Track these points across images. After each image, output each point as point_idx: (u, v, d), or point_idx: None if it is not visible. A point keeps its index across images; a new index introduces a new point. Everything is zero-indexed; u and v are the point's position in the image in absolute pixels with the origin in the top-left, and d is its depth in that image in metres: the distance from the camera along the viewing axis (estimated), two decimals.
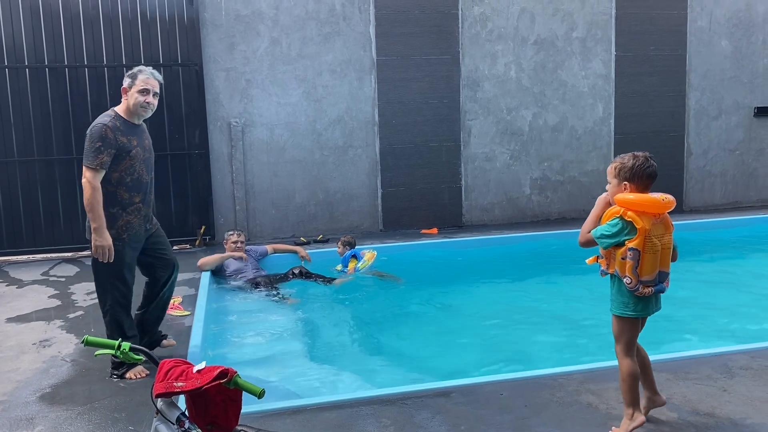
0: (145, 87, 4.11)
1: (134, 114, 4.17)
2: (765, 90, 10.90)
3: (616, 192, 3.42)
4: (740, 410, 3.64)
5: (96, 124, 4.04)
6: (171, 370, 2.19)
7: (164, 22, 8.57)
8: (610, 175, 3.48)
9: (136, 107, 4.13)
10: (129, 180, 4.09)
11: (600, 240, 3.30)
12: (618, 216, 3.28)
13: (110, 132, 4.01)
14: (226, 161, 9.02)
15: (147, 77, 4.12)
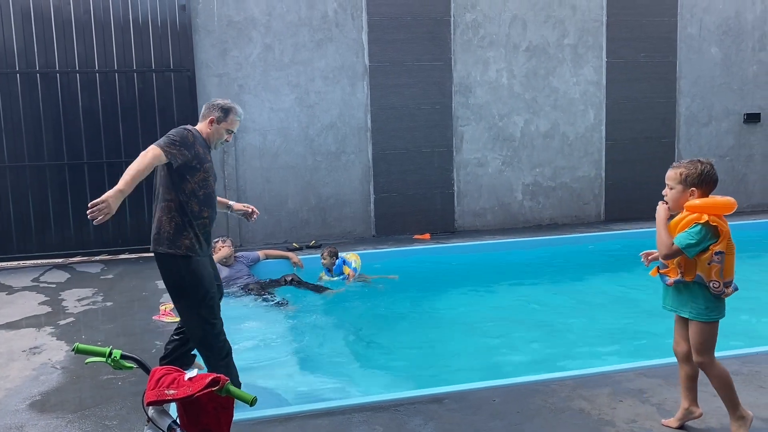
0: (232, 129, 4.18)
1: (211, 144, 4.19)
2: (754, 96, 10.99)
3: (680, 198, 3.39)
4: None
5: (180, 127, 4.03)
6: (162, 378, 2.17)
7: (156, 27, 8.56)
8: (674, 181, 3.45)
9: (216, 141, 4.17)
10: (201, 193, 3.99)
11: (687, 250, 3.22)
12: (700, 223, 3.23)
13: (191, 136, 3.97)
14: (218, 167, 8.98)
15: (237, 119, 4.19)
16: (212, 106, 4.15)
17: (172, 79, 8.69)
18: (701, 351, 3.34)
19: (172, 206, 3.93)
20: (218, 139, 4.16)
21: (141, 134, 8.63)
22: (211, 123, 4.12)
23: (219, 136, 4.15)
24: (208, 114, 4.14)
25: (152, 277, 7.52)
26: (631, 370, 4.32)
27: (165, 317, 5.87)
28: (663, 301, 3.57)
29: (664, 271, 3.44)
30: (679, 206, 3.40)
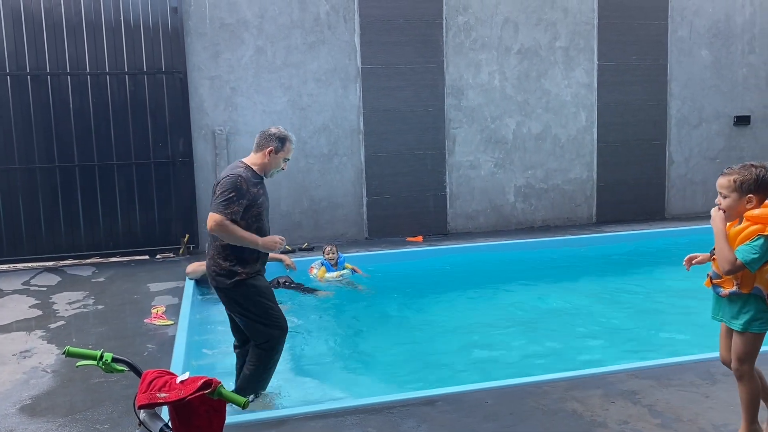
0: (289, 157, 4.25)
1: (266, 172, 4.21)
2: (744, 99, 11.06)
3: (738, 206, 3.19)
4: (722, 416, 3.67)
5: (230, 174, 4.03)
6: (154, 381, 2.16)
7: (148, 30, 8.53)
8: (728, 189, 3.22)
9: (273, 170, 4.21)
10: (255, 227, 4.08)
11: (751, 265, 3.07)
12: (764, 235, 3.06)
13: (244, 183, 4.00)
14: (210, 169, 8.97)
15: (293, 147, 4.26)
16: (268, 136, 4.18)
17: (164, 82, 8.66)
18: (744, 360, 3.25)
19: (227, 246, 4.02)
20: (275, 168, 4.21)
21: (132, 137, 8.60)
22: (269, 153, 4.15)
23: (276, 165, 4.20)
24: (265, 144, 4.16)
25: (144, 279, 7.49)
26: (623, 372, 4.34)
27: (157, 320, 5.84)
28: (713, 311, 3.43)
29: (718, 282, 3.31)
30: (738, 215, 3.22)
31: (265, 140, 4.18)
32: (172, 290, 6.95)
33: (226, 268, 4.05)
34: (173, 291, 6.91)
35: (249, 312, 4.12)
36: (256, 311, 4.12)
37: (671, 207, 10.89)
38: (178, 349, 4.93)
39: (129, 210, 8.69)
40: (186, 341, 5.12)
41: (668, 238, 9.40)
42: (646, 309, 6.56)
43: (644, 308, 6.59)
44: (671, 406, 3.82)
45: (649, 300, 6.86)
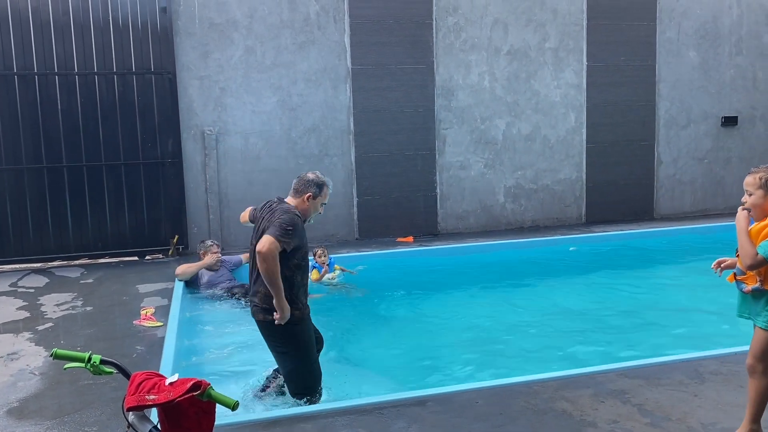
0: (326, 202, 4.35)
1: (307, 218, 4.29)
2: (731, 100, 11.15)
3: (763, 203, 3.27)
4: (711, 415, 3.69)
5: (289, 211, 4.10)
6: (143, 383, 2.15)
7: (137, 29, 8.48)
8: (754, 187, 3.31)
9: (312, 214, 4.29)
10: (303, 264, 4.21)
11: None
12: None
13: (300, 223, 4.12)
14: (199, 170, 8.94)
15: (329, 192, 4.34)
16: (307, 183, 4.22)
17: (153, 82, 8.61)
18: (760, 357, 3.26)
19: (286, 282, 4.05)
20: (314, 212, 4.28)
21: (121, 137, 8.55)
22: (308, 199, 4.21)
23: (315, 210, 4.27)
24: (304, 190, 4.21)
25: (133, 281, 7.45)
26: (612, 371, 4.35)
27: (146, 321, 5.81)
28: (738, 309, 3.45)
29: (742, 278, 3.34)
30: (763, 213, 3.29)
31: (303, 186, 4.23)
32: (161, 291, 6.91)
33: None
34: (162, 292, 6.87)
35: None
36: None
37: (660, 207, 10.95)
38: (168, 350, 4.91)
39: (118, 211, 8.64)
40: (175, 343, 5.09)
41: (657, 238, 9.46)
42: (635, 308, 6.59)
43: (633, 308, 6.62)
44: (660, 405, 3.84)
45: (638, 299, 6.90)
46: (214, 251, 7.31)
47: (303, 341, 4.18)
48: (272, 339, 4.19)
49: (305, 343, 4.20)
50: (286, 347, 4.16)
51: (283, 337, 4.13)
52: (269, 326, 4.12)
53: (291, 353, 4.17)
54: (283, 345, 4.16)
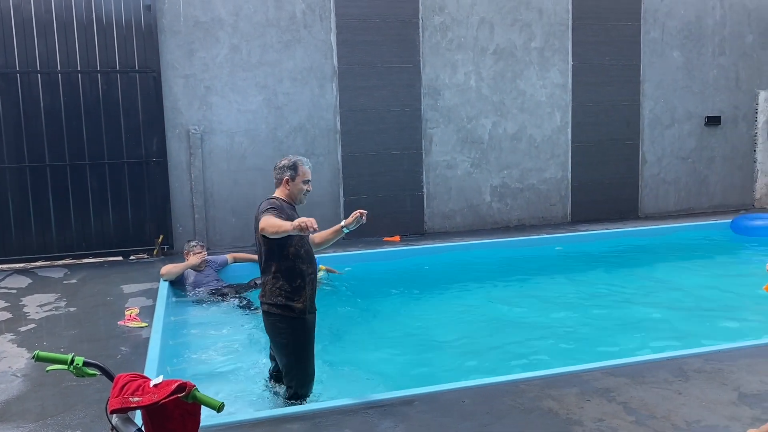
0: (308, 178, 4.34)
1: (296, 200, 4.34)
2: (715, 100, 11.26)
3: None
4: (695, 413, 3.72)
5: (267, 199, 4.22)
6: (127, 385, 2.13)
7: (121, 27, 8.41)
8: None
9: (299, 195, 4.31)
10: (303, 252, 4.19)
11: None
12: None
13: (278, 202, 4.19)
14: (184, 169, 8.88)
15: (307, 168, 4.34)
16: (280, 169, 4.31)
17: (137, 80, 8.54)
18: None
19: (279, 276, 4.13)
20: (299, 193, 4.30)
21: (105, 136, 8.47)
22: (287, 183, 4.28)
23: (299, 190, 4.30)
24: (281, 177, 4.30)
25: (117, 281, 7.39)
26: (598, 370, 4.38)
27: (130, 322, 5.76)
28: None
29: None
30: None
31: (279, 173, 4.32)
32: (146, 292, 6.86)
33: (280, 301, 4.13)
34: (147, 292, 6.82)
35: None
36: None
37: (644, 206, 11.04)
38: (153, 351, 4.87)
39: (102, 210, 8.56)
40: (160, 344, 5.05)
41: (642, 237, 9.53)
42: (621, 307, 6.63)
43: (619, 306, 6.67)
44: (645, 403, 3.86)
45: (623, 298, 6.94)
46: (197, 251, 7.26)
47: (302, 337, 4.20)
48: (273, 330, 4.22)
49: (304, 339, 4.22)
50: (285, 339, 4.19)
51: (282, 329, 4.17)
52: (271, 318, 4.17)
53: (290, 347, 4.19)
54: (282, 337, 4.19)
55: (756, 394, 3.92)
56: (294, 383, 4.26)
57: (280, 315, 4.14)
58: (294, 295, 4.14)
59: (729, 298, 6.83)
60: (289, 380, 4.28)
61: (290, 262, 4.14)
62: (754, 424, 3.53)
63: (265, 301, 4.20)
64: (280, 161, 4.37)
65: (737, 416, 3.65)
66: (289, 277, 4.13)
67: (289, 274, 4.13)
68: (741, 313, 6.29)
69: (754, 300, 6.81)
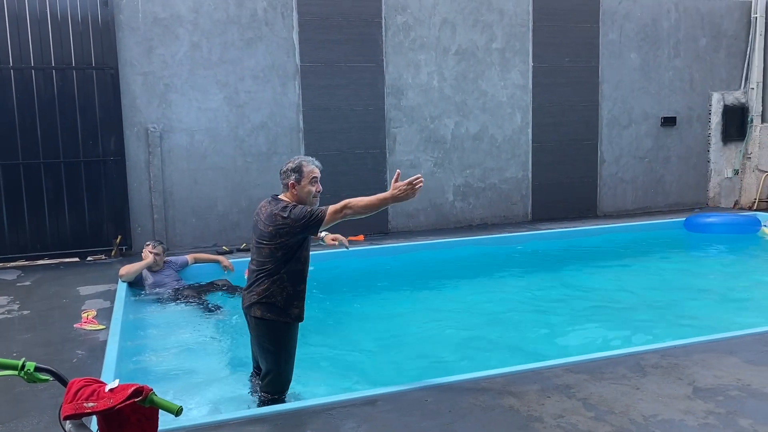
0: (315, 176, 4.16)
1: (305, 203, 4.13)
2: (670, 101, 11.54)
3: None
4: (652, 407, 3.80)
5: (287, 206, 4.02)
6: (81, 390, 2.07)
7: (76, 23, 8.20)
8: None
9: (308, 197, 4.13)
10: (305, 254, 4.13)
11: None
12: None
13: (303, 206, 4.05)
14: (143, 168, 8.71)
15: (314, 167, 4.17)
16: (285, 173, 4.15)
17: (94, 77, 8.34)
18: None
19: (285, 278, 4.03)
20: (308, 195, 4.13)
21: (60, 134, 8.25)
22: (293, 187, 4.11)
23: (308, 193, 4.13)
24: (286, 181, 4.14)
25: (73, 283, 7.21)
26: (558, 366, 4.44)
27: (87, 325, 5.62)
28: None
29: None
30: None
31: (284, 178, 4.16)
32: (103, 293, 6.71)
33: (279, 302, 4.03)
34: (105, 294, 6.67)
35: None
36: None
37: (603, 205, 11.25)
38: (110, 354, 4.76)
39: (57, 210, 8.34)
40: (118, 346, 4.94)
41: (600, 235, 9.72)
42: (580, 303, 6.74)
43: (578, 303, 6.78)
44: (604, 398, 3.93)
45: (582, 295, 7.06)
46: (151, 250, 7.12)
47: (292, 344, 4.15)
48: (263, 336, 4.11)
49: (292, 347, 4.16)
50: (276, 346, 4.10)
51: (275, 334, 4.08)
52: (265, 322, 4.05)
53: (279, 353, 4.11)
54: (272, 344, 4.10)
55: (710, 388, 4.03)
56: (271, 390, 4.17)
57: (274, 320, 4.04)
58: (294, 300, 4.06)
59: (683, 293, 7.01)
60: (267, 386, 4.19)
61: (300, 266, 4.06)
62: (707, 418, 3.63)
63: (261, 302, 4.04)
64: (285, 164, 4.20)
65: (692, 410, 3.74)
66: (295, 280, 4.04)
67: (295, 278, 4.05)
68: (694, 308, 6.45)
69: (707, 294, 7.01)
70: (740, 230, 9.65)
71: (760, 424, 3.55)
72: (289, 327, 4.10)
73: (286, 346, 4.12)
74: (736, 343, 4.81)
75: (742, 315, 6.18)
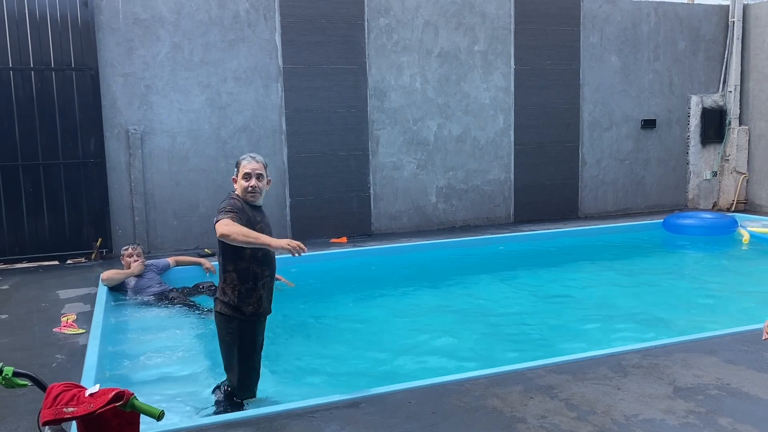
0: (246, 171, 4.15)
1: (246, 198, 4.17)
2: (650, 103, 11.66)
3: None
4: (633, 407, 3.84)
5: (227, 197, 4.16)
6: (61, 395, 2.05)
7: (56, 23, 8.11)
8: None
9: (245, 192, 4.15)
10: (260, 254, 4.11)
11: None
12: None
13: (237, 201, 4.09)
14: (123, 170, 8.63)
15: (247, 162, 4.17)
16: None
17: (74, 78, 8.25)
18: None
19: (234, 276, 4.09)
20: (243, 191, 4.15)
21: (39, 136, 8.15)
22: (235, 182, 4.23)
23: (243, 188, 4.15)
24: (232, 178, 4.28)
25: (53, 286, 7.12)
26: (541, 367, 4.46)
27: (67, 329, 5.55)
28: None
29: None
30: None
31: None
32: (83, 297, 6.63)
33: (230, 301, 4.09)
34: (85, 298, 6.59)
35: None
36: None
37: (584, 206, 11.34)
38: (90, 359, 4.70)
39: (36, 213, 8.24)
40: (98, 351, 4.89)
41: (581, 237, 9.80)
42: (562, 304, 6.79)
43: (559, 303, 6.82)
44: (586, 399, 3.96)
45: (564, 296, 7.11)
46: (135, 259, 7.05)
47: (248, 340, 4.15)
48: (220, 329, 4.18)
49: (250, 342, 4.16)
50: (230, 339, 4.14)
51: (229, 329, 4.13)
52: (221, 317, 4.14)
53: (233, 347, 4.14)
54: (228, 337, 4.15)
55: (690, 388, 4.08)
56: (233, 382, 4.21)
57: (229, 315, 4.10)
58: (246, 297, 4.08)
59: (662, 293, 7.09)
60: (229, 380, 4.25)
61: (245, 264, 4.08)
62: (688, 417, 3.67)
63: (218, 299, 4.17)
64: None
65: (672, 409, 3.78)
66: (242, 278, 4.08)
67: (242, 276, 4.08)
68: (673, 308, 6.52)
69: (685, 292, 7.09)
70: (718, 231, 9.77)
71: (740, 422, 3.59)
72: (244, 323, 4.12)
73: (242, 341, 4.13)
74: (716, 342, 4.87)
75: (720, 314, 6.25)
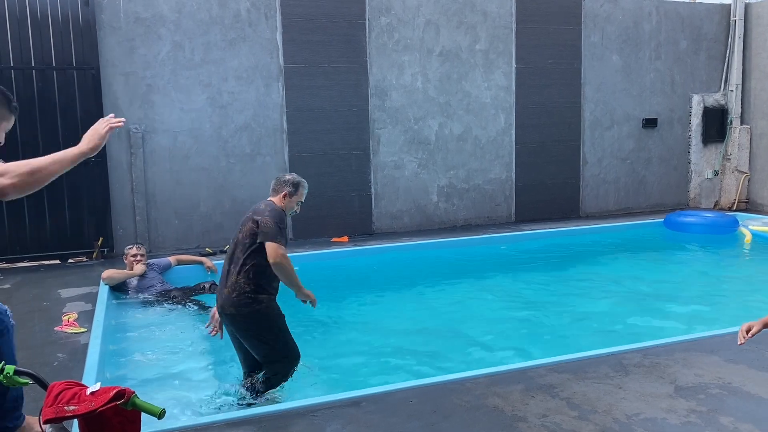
0: (302, 200, 4.62)
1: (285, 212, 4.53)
2: (651, 102, 11.66)
3: None
4: (634, 406, 3.83)
5: (274, 208, 4.40)
6: (62, 393, 2.05)
7: (57, 23, 8.11)
8: None
9: (289, 211, 4.55)
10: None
11: None
12: None
13: (284, 216, 4.43)
14: (125, 169, 8.64)
15: (305, 192, 4.63)
16: (284, 182, 4.55)
17: (75, 78, 8.26)
18: None
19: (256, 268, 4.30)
20: (290, 210, 4.55)
21: (41, 136, 8.15)
22: (284, 197, 4.52)
23: (290, 208, 4.56)
24: (281, 189, 4.53)
25: (54, 285, 7.12)
26: (542, 366, 4.46)
27: (68, 328, 5.56)
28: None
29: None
30: None
31: (280, 185, 4.54)
32: (85, 296, 6.63)
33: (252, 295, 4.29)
34: (86, 297, 6.60)
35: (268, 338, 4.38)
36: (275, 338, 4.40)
37: (585, 205, 11.33)
38: (91, 358, 4.70)
39: (38, 212, 8.24)
40: (100, 350, 4.89)
41: (582, 236, 9.79)
42: (563, 303, 6.79)
43: (561, 303, 6.82)
44: (587, 398, 3.95)
45: (565, 294, 7.11)
46: (140, 260, 7.04)
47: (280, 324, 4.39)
48: (265, 320, 4.32)
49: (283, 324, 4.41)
50: (271, 333, 4.35)
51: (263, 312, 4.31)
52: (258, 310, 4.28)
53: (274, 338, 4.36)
54: (279, 318, 4.39)
55: (691, 387, 4.07)
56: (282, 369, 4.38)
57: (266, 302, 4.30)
58: (273, 280, 4.35)
59: (662, 291, 7.08)
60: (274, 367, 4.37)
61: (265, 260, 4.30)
62: (689, 416, 3.67)
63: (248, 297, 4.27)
64: (285, 175, 4.61)
65: (674, 408, 3.78)
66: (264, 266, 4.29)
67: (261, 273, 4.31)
68: (675, 306, 6.52)
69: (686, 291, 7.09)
70: (719, 230, 9.77)
71: (741, 421, 3.59)
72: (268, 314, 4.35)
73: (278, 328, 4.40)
74: (717, 342, 4.86)
75: (721, 313, 6.25)
